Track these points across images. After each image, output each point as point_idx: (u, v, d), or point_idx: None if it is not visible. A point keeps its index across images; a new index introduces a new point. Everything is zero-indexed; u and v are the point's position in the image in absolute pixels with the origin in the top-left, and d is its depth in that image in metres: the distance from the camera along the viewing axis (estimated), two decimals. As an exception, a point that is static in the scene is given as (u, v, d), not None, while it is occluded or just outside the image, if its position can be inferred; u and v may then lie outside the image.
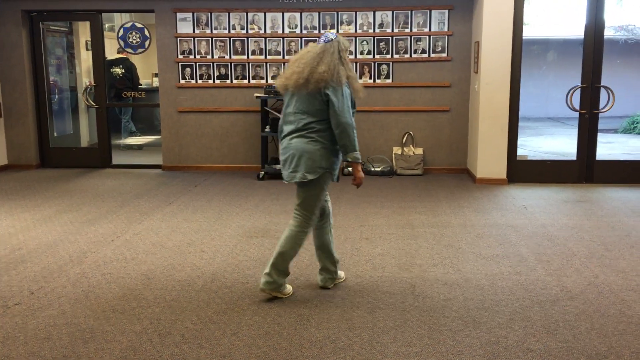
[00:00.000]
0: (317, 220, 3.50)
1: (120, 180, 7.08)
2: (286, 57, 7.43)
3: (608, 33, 12.42)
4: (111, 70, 8.94)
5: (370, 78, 7.38)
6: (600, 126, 6.81)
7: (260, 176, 7.06)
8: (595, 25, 6.53)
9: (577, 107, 6.68)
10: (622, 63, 13.93)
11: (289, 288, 3.50)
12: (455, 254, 4.23)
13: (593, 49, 6.55)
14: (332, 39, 3.37)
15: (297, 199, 3.45)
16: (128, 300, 3.42)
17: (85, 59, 8.93)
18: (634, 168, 6.77)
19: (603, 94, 6.64)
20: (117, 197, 6.14)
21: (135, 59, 9.54)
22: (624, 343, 2.87)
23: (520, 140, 7.58)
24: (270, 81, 7.47)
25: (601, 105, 6.66)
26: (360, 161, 3.38)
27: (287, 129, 3.40)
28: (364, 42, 7.34)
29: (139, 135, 10.26)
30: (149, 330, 3.03)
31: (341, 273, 3.74)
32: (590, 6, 6.52)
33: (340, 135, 3.26)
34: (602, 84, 6.61)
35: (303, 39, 7.38)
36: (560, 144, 10.63)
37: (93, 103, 7.89)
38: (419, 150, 7.36)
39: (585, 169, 6.76)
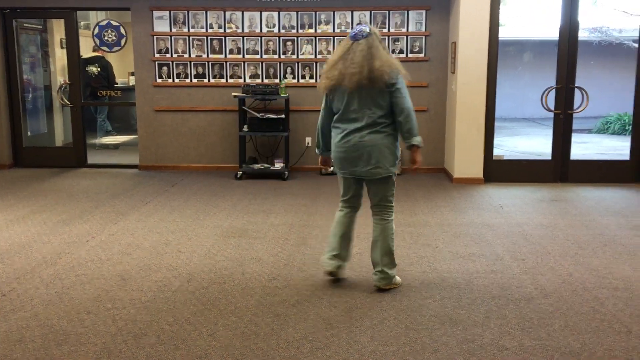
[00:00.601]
0: (353, 210, 3.64)
1: (96, 180, 6.99)
2: (264, 56, 7.40)
3: (582, 34, 12.64)
4: (86, 68, 8.81)
5: (348, 78, 7.37)
6: (575, 126, 6.91)
7: (238, 176, 7.02)
8: (569, 27, 6.63)
9: (552, 108, 6.77)
10: (596, 64, 14.17)
11: (398, 279, 3.63)
12: (433, 253, 4.25)
13: (567, 50, 6.65)
14: (369, 32, 3.42)
15: (371, 194, 3.54)
16: (103, 302, 3.38)
17: (60, 57, 8.79)
18: (607, 168, 6.89)
19: (577, 94, 6.74)
20: (92, 197, 6.06)
21: (111, 58, 9.42)
22: (597, 340, 2.91)
23: (497, 140, 7.66)
24: (248, 80, 7.44)
25: (575, 105, 6.76)
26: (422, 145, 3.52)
27: (352, 126, 3.43)
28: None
29: (115, 135, 10.14)
30: (124, 332, 3.00)
31: (397, 279, 3.68)
32: (565, 8, 6.61)
33: (405, 120, 3.39)
34: (577, 84, 6.71)
35: (281, 38, 7.36)
36: (536, 144, 10.77)
37: (68, 102, 7.77)
38: (397, 150, 7.38)
39: (560, 169, 6.85)
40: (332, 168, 3.69)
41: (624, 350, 2.80)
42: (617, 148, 10.14)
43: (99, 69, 9.03)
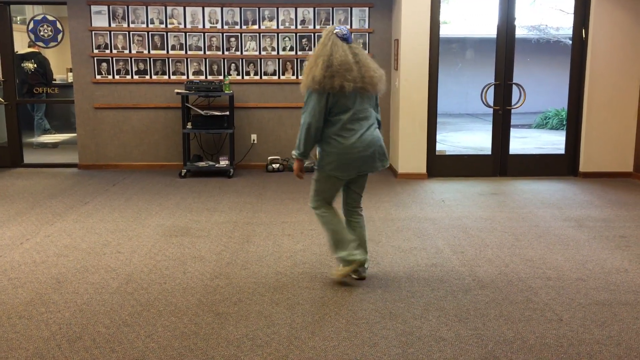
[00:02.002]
0: (333, 207, 3.65)
1: (33, 180, 6.75)
2: (207, 52, 7.31)
3: (522, 32, 13.02)
4: (22, 64, 8.49)
5: (293, 74, 7.38)
6: (515, 122, 7.12)
7: (182, 174, 6.92)
8: (507, 25, 6.81)
9: (491, 104, 6.95)
10: (535, 61, 14.62)
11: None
12: (375, 247, 4.30)
13: (505, 47, 6.83)
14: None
15: (358, 188, 3.63)
16: (36, 306, 3.26)
17: (-7, 52, 8.42)
18: (544, 161, 7.13)
19: (515, 91, 6.94)
20: (28, 197, 5.85)
21: (48, 53, 9.11)
22: (530, 328, 3.01)
23: (441, 136, 7.82)
24: (191, 77, 7.33)
25: (514, 101, 6.96)
26: None
27: (365, 124, 3.47)
28: (286, 39, 7.33)
29: (54, 133, 9.80)
30: (58, 336, 2.90)
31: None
32: (502, 6, 6.79)
33: (379, 124, 3.62)
34: (515, 81, 6.91)
35: (224, 34, 7.28)
36: (478, 139, 11.04)
37: (2, 99, 7.47)
38: (342, 146, 7.42)
39: (500, 163, 7.05)
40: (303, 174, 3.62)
41: (555, 338, 2.91)
42: (555, 142, 10.50)
43: (35, 65, 8.70)
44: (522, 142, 10.59)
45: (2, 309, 3.21)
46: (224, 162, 7.07)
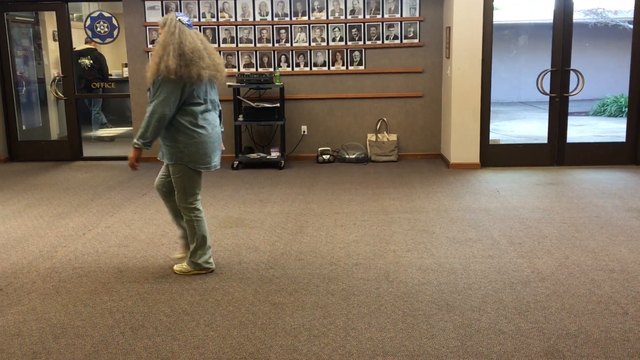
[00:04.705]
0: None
1: (92, 172, 6.97)
2: (257, 44, 7.36)
3: (578, 17, 12.57)
4: (79, 61, 8.76)
5: (343, 65, 7.36)
6: (571, 109, 6.89)
7: (235, 166, 7.01)
8: (564, 9, 6.59)
9: (548, 91, 6.74)
10: (592, 46, 14.11)
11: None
12: (429, 239, 4.25)
13: (562, 32, 6.61)
14: None
15: (199, 188, 3.61)
16: (100, 294, 3.37)
17: (53, 49, 8.72)
18: (603, 150, 6.88)
19: (573, 77, 6.72)
20: (88, 190, 6.04)
21: (104, 49, 9.37)
22: (594, 322, 2.92)
23: (493, 125, 7.65)
24: (242, 69, 7.40)
25: (571, 88, 6.74)
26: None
27: (214, 115, 3.57)
28: (336, 29, 7.30)
29: (110, 127, 10.10)
30: (121, 324, 3.00)
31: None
32: (559, -10, 6.57)
33: (220, 113, 3.72)
34: (572, 67, 6.68)
35: (274, 26, 7.32)
36: (533, 127, 10.75)
37: (61, 95, 7.73)
38: (393, 137, 7.38)
39: (557, 152, 6.84)
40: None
41: (621, 332, 2.81)
42: (614, 130, 10.12)
43: (91, 61, 8.98)
44: (579, 130, 10.25)
45: (68, 298, 3.34)
46: (275, 154, 7.12)
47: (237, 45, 7.39)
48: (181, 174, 3.46)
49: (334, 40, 7.33)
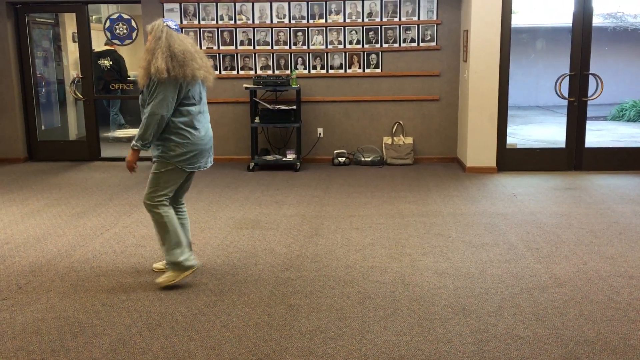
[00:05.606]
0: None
1: (109, 173, 7.04)
2: (274, 47, 7.39)
3: (597, 20, 12.45)
4: (98, 62, 8.85)
5: (359, 68, 7.36)
6: (589, 114, 6.83)
7: (250, 167, 7.04)
8: (583, 13, 6.53)
9: (566, 95, 6.69)
10: (611, 50, 13.97)
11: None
12: (445, 242, 4.23)
13: (581, 36, 6.56)
14: None
15: (189, 182, 3.77)
16: (117, 294, 3.40)
17: (72, 51, 8.83)
18: (622, 155, 6.81)
19: (592, 81, 6.66)
20: (106, 190, 6.10)
21: (122, 51, 9.45)
22: (612, 329, 2.89)
23: (510, 129, 7.61)
24: (259, 72, 7.43)
25: (590, 92, 6.68)
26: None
27: (207, 117, 3.60)
28: (353, 32, 7.31)
29: (128, 128, 10.18)
30: (139, 323, 3.02)
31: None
32: (578, -7, 6.52)
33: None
34: (591, 71, 6.62)
35: (291, 28, 7.34)
36: (550, 132, 10.67)
37: (80, 95, 7.82)
38: (409, 140, 7.36)
39: (575, 157, 6.78)
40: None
41: (640, 339, 2.78)
42: (633, 135, 10.02)
43: (110, 63, 9.06)
44: (597, 134, 10.15)
45: (86, 297, 3.37)
46: (290, 156, 7.14)
47: (254, 47, 7.43)
48: (163, 171, 3.44)
49: (350, 43, 7.33)
